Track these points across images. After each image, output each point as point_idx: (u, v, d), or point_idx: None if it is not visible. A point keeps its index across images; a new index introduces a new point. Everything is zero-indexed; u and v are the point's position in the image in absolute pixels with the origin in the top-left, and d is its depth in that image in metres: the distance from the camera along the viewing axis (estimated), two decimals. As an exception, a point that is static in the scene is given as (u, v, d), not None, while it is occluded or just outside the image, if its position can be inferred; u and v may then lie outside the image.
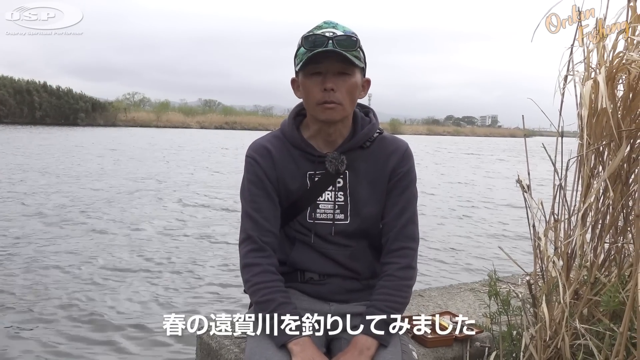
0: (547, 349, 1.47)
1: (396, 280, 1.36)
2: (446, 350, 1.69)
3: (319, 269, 1.43)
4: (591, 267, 1.50)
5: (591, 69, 1.43)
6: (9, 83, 41.36)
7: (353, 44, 1.30)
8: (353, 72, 1.32)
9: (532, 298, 1.58)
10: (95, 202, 8.50)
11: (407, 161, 1.42)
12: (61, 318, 3.80)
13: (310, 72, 1.32)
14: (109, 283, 4.62)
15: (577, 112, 1.47)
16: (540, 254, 1.55)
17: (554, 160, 1.54)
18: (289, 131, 1.42)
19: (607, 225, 1.54)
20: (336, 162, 1.37)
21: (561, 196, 1.54)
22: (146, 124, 47.35)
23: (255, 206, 1.39)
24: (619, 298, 1.37)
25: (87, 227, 6.67)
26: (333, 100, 1.30)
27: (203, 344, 1.68)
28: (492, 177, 15.82)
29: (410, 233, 1.41)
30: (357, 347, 1.27)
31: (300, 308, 1.33)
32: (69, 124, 40.91)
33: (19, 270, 4.77)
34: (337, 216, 1.41)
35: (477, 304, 2.10)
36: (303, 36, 1.32)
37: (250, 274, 1.35)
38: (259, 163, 1.39)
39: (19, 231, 6.26)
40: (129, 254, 5.54)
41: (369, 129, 1.42)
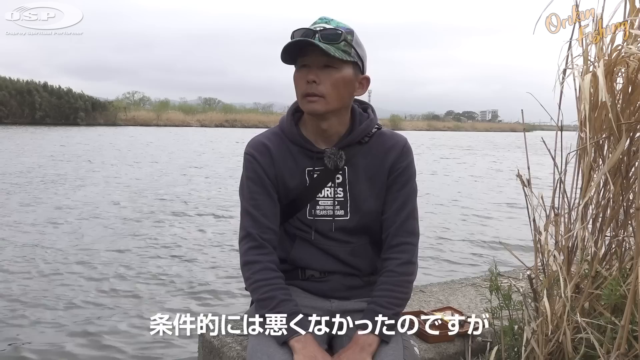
0: (548, 343, 1.47)
1: (397, 276, 1.36)
2: (448, 345, 1.69)
3: (319, 266, 1.43)
4: (592, 261, 1.50)
5: (590, 62, 1.43)
6: (10, 84, 41.39)
7: (337, 37, 1.29)
8: (340, 66, 1.31)
9: (533, 292, 1.58)
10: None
11: (406, 156, 1.42)
12: (64, 317, 3.82)
13: (299, 65, 1.33)
14: (109, 280, 4.64)
15: (577, 106, 1.46)
16: (541, 248, 1.55)
17: (554, 155, 1.54)
18: (287, 127, 1.42)
19: (607, 219, 1.54)
20: (335, 158, 1.37)
21: (561, 190, 1.54)
22: (146, 123, 47.41)
23: (254, 203, 1.38)
24: (620, 291, 1.37)
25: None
26: (315, 93, 1.30)
27: (205, 341, 1.68)
28: (492, 171, 15.83)
29: (410, 228, 1.40)
30: (359, 344, 1.27)
31: (301, 305, 1.33)
32: (69, 123, 40.96)
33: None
34: (337, 212, 1.41)
35: (478, 298, 2.10)
36: (294, 30, 1.32)
37: (250, 271, 1.35)
38: (257, 160, 1.39)
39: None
40: (132, 253, 5.56)
41: (367, 124, 1.41)
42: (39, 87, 42.62)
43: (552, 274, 1.47)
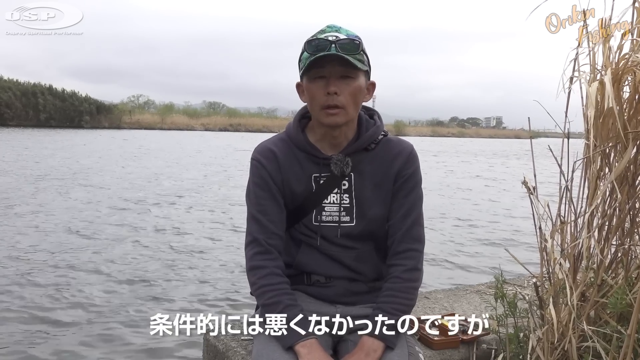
0: (554, 351, 1.47)
1: (402, 282, 1.36)
2: (452, 352, 1.69)
3: (324, 272, 1.43)
4: (598, 269, 1.50)
5: (597, 70, 1.43)
6: (15, 86, 41.60)
7: (356, 47, 1.30)
8: (356, 75, 1.32)
9: (539, 300, 1.58)
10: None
11: (412, 163, 1.42)
12: (73, 318, 3.83)
13: (314, 76, 1.32)
14: (111, 278, 4.65)
15: (583, 114, 1.46)
16: (547, 255, 1.55)
17: (560, 162, 1.54)
18: (294, 134, 1.42)
19: (613, 227, 1.53)
20: (341, 165, 1.38)
21: (568, 198, 1.53)
22: (151, 127, 47.54)
23: (260, 209, 1.39)
24: (627, 300, 1.36)
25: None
26: (336, 104, 1.30)
27: (210, 345, 1.68)
28: (496, 179, 15.79)
29: (416, 235, 1.41)
30: (364, 349, 1.27)
31: (306, 310, 1.33)
32: (73, 126, 41.11)
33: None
34: (342, 218, 1.41)
35: (483, 306, 2.09)
36: (306, 40, 1.33)
37: (256, 276, 1.36)
38: (264, 166, 1.40)
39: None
40: (135, 252, 5.57)
41: (374, 131, 1.42)
42: (44, 89, 42.83)
43: (558, 281, 1.47)
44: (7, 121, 38.61)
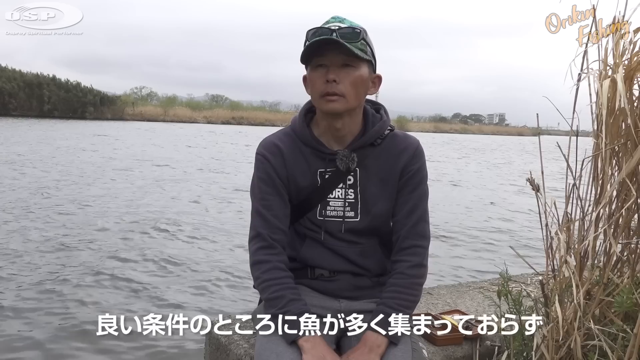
0: (559, 349, 1.46)
1: (407, 278, 1.36)
2: (456, 348, 1.68)
3: (329, 266, 1.43)
4: (604, 268, 1.49)
5: (608, 67, 1.41)
6: (19, 76, 41.60)
7: (356, 35, 1.29)
8: (358, 65, 1.31)
9: (544, 297, 1.57)
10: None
11: (418, 159, 1.41)
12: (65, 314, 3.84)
13: (315, 65, 1.31)
14: (115, 276, 4.66)
15: (592, 111, 1.45)
16: (553, 253, 1.54)
17: (567, 159, 1.53)
18: (299, 128, 1.41)
19: (621, 226, 1.52)
20: (347, 160, 1.37)
21: (575, 195, 1.52)
22: (153, 118, 47.51)
23: (265, 204, 1.38)
24: (633, 299, 1.35)
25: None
26: (335, 92, 1.29)
27: (212, 338, 1.68)
28: (500, 175, 15.76)
29: (421, 231, 1.40)
30: (367, 345, 1.27)
31: (310, 304, 1.33)
32: (77, 117, 41.10)
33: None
34: (347, 214, 1.40)
35: (486, 302, 2.08)
36: (309, 30, 1.32)
37: (260, 271, 1.35)
38: (269, 160, 1.39)
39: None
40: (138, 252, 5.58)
41: (380, 126, 1.41)
42: (48, 80, 42.82)
43: (564, 279, 1.46)
44: (11, 111, 38.64)
